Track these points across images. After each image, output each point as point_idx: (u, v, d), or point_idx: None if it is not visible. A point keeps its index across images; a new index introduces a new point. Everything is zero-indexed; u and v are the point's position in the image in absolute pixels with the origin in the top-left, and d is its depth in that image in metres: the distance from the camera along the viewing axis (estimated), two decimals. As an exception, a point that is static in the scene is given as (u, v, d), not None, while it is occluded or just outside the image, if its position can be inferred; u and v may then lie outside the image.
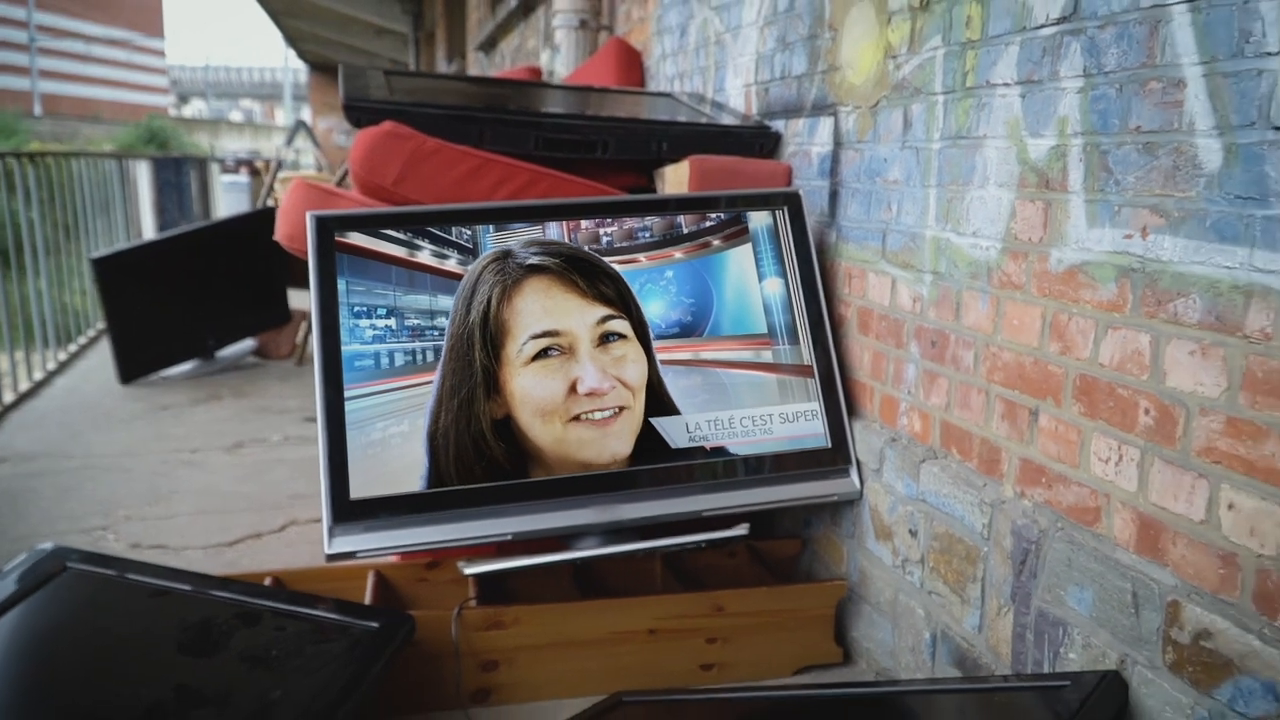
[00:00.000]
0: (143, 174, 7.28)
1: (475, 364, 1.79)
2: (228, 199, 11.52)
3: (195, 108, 50.55)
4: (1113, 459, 1.30)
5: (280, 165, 6.39)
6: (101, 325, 5.33)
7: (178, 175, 8.81)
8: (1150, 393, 1.24)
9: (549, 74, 4.38)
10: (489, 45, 7.70)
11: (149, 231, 7.09)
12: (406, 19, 16.93)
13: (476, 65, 8.67)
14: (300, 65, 28.70)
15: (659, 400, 1.88)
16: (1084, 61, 1.34)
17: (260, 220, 4.77)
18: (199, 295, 4.37)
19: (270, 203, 5.19)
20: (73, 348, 4.99)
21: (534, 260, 1.89)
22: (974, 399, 1.60)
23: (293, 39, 24.03)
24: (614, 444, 1.82)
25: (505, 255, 1.88)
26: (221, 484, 2.98)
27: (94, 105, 25.50)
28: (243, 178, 12.20)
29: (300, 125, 30.59)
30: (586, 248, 1.95)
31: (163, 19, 31.75)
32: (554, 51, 4.12)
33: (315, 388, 1.77)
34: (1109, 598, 1.28)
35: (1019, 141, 1.47)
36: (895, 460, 1.79)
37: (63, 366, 4.64)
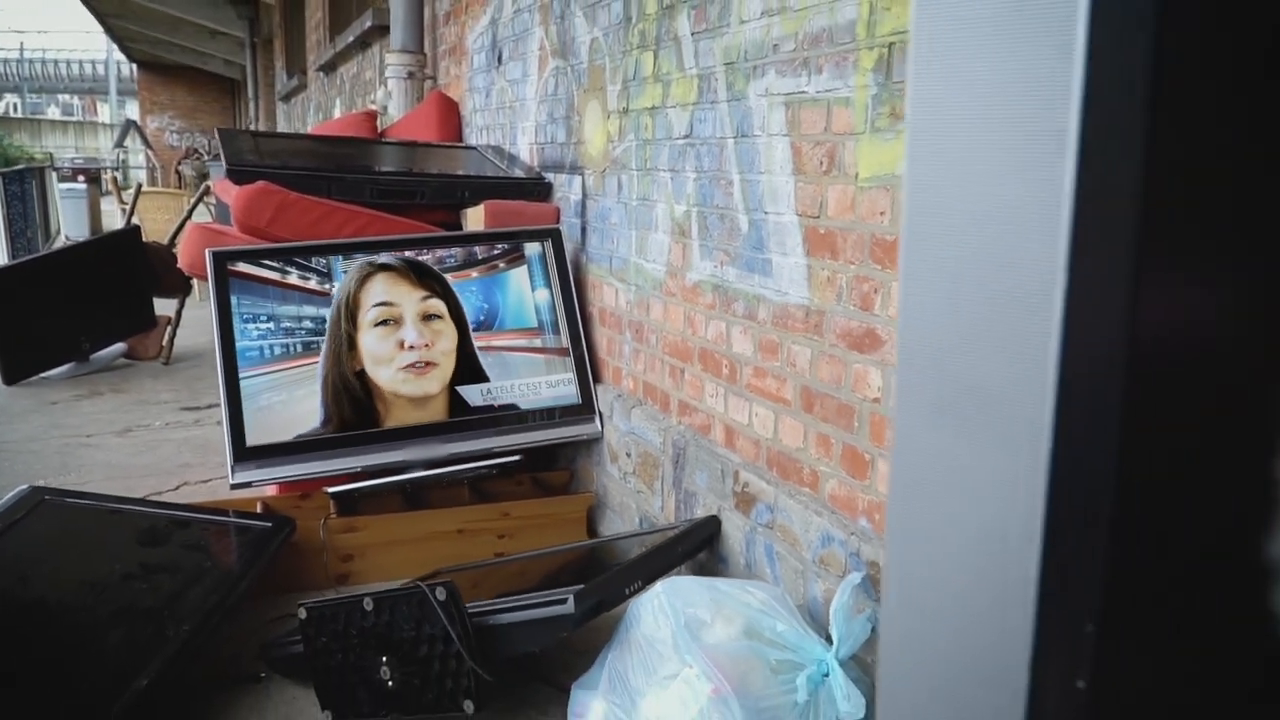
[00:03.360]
0: (-6, 190, 7.63)
1: (341, 329, 2.64)
2: (67, 207, 11.65)
3: (6, 102, 47.78)
4: (715, 395, 2.25)
5: (140, 187, 6.90)
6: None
7: (21, 186, 9.06)
8: (727, 355, 2.19)
9: (383, 109, 5.14)
10: (330, 68, 8.33)
11: (1, 244, 7.45)
12: (242, 24, 16.95)
13: (317, 84, 9.27)
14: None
15: (475, 370, 2.76)
16: (696, 163, 2.28)
17: (127, 238, 5.37)
18: (74, 304, 4.95)
19: (135, 221, 5.75)
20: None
21: (383, 260, 2.74)
22: (657, 365, 2.54)
23: (120, 38, 23.46)
24: (426, 385, 2.68)
25: (370, 261, 2.74)
26: (119, 459, 3.67)
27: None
28: (80, 185, 12.29)
29: (130, 125, 29.43)
30: (426, 264, 2.80)
31: (-26, 13, 30.20)
32: (388, 94, 4.89)
33: (218, 371, 2.56)
34: (713, 475, 2.23)
35: (671, 206, 2.41)
36: (619, 409, 2.72)
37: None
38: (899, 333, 0.54)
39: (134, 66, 28.97)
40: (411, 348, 2.68)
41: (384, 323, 2.69)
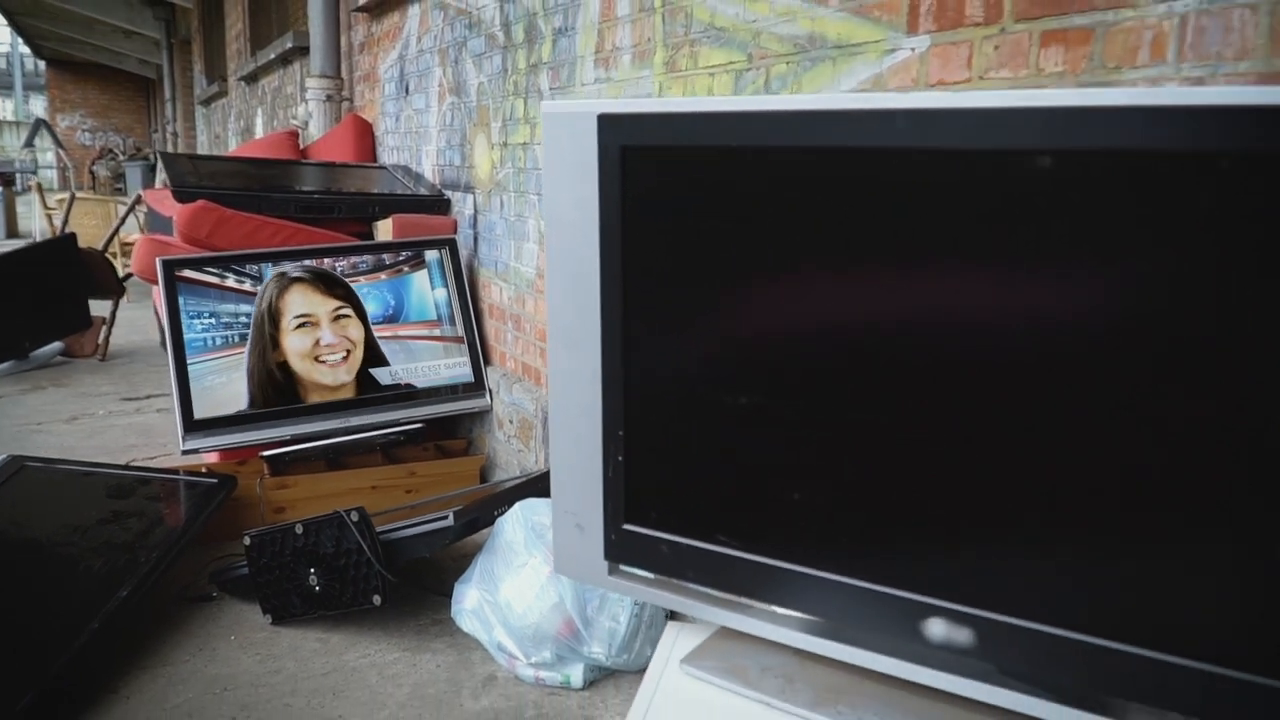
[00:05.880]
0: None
1: (265, 332, 3.21)
2: (-16, 210, 11.80)
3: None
4: (571, 370, 2.89)
5: (74, 196, 7.28)
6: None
7: (-57, 192, 9.29)
8: (579, 339, 2.83)
9: (303, 126, 5.67)
10: (251, 79, 8.77)
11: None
12: (158, 25, 17.03)
13: (239, 92, 9.68)
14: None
15: (377, 355, 3.35)
16: (555, 189, 2.91)
17: (64, 245, 5.82)
18: (15, 306, 5.39)
19: (69, 230, 6.19)
20: (-111, 355, 5.82)
21: (296, 274, 3.32)
22: (530, 349, 3.17)
23: (29, 35, 23.21)
24: (341, 375, 3.27)
25: (284, 273, 3.30)
26: (71, 442, 4.17)
27: None
28: (-3, 188, 12.44)
29: (40, 124, 28.77)
30: (331, 271, 3.39)
31: (-127, 8, 29.40)
32: (309, 113, 5.43)
33: (169, 357, 3.11)
34: (570, 432, 2.87)
35: (538, 222, 3.04)
36: (504, 385, 3.34)
37: (-113, 370, 5.51)
38: (548, 310, 1.18)
39: (40, 63, 28.54)
40: (329, 346, 3.27)
41: (303, 324, 3.27)
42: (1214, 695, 0.87)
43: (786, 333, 1.00)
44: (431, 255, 3.54)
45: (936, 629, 0.99)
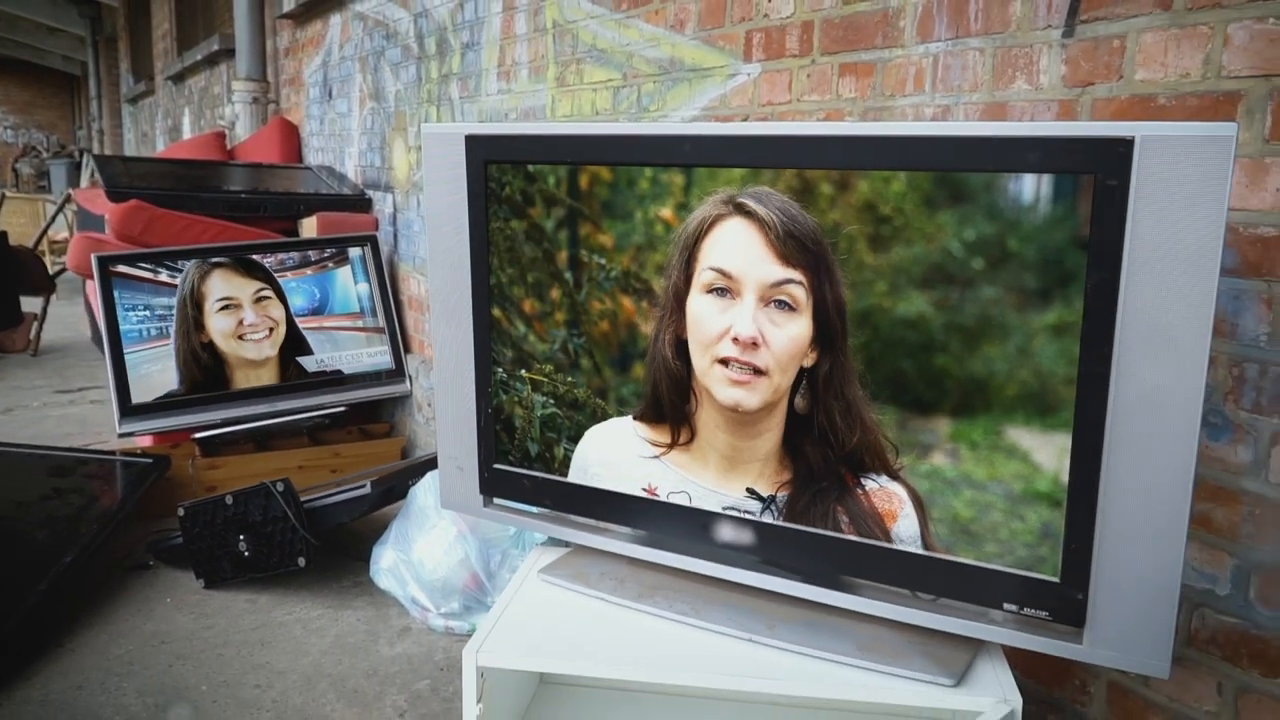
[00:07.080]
0: None
1: (188, 314, 3.43)
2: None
3: None
4: (482, 355, 3.17)
5: (4, 196, 7.34)
6: None
7: None
8: (489, 326, 3.11)
9: (230, 126, 5.84)
10: (178, 78, 8.85)
11: None
12: (84, 22, 16.81)
13: (166, 91, 9.73)
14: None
15: (300, 339, 3.59)
16: (465, 190, 3.18)
17: (-7, 243, 5.91)
18: (-54, 304, 5.50)
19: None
20: None
21: (217, 260, 3.54)
22: (446, 337, 3.44)
23: (-53, 31, 22.66)
24: (265, 350, 3.50)
25: (204, 259, 3.53)
26: (7, 432, 4.33)
27: None
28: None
29: (-41, 120, 27.78)
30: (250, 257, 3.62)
31: None
32: (236, 114, 5.61)
33: (105, 347, 3.32)
34: (482, 411, 3.15)
35: (451, 220, 3.31)
36: (423, 371, 3.60)
37: None
38: (431, 292, 1.46)
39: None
40: (253, 325, 3.51)
41: (226, 307, 3.50)
42: (910, 571, 1.19)
43: (590, 305, 1.30)
44: (354, 251, 3.78)
45: (724, 533, 1.30)
